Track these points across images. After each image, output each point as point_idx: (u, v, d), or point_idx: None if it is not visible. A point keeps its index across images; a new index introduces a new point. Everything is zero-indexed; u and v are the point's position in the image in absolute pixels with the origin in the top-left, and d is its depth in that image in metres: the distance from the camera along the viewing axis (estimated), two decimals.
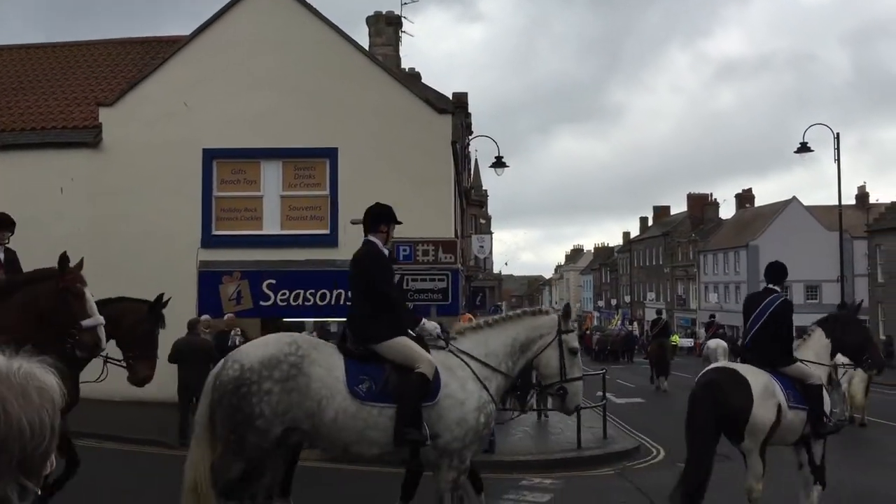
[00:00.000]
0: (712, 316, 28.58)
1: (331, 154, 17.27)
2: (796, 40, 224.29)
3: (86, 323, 6.18)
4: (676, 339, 46.84)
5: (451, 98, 30.14)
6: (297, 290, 16.98)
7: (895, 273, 41.86)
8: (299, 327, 17.17)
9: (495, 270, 74.78)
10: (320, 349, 6.08)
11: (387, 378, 5.98)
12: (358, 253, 6.38)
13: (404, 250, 14.45)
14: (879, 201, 56.75)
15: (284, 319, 17.59)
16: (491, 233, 59.79)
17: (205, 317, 15.60)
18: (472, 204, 45.37)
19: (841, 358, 8.77)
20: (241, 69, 17.28)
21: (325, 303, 16.87)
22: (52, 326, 6.14)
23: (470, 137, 32.77)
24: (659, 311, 30.64)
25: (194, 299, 16.72)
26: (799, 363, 7.84)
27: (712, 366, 8.44)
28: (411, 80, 24.42)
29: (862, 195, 62.37)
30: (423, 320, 6.45)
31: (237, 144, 17.09)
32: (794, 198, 61.52)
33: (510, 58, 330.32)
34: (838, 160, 27.63)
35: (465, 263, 31.20)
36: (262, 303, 17.01)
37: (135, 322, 7.09)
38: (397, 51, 24.99)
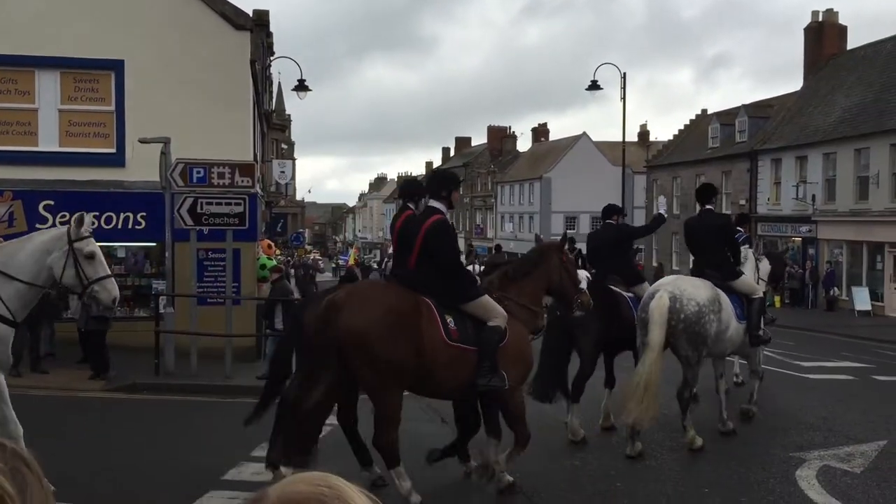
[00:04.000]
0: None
1: (116, 66, 16.00)
2: None
3: (582, 285, 8.02)
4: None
5: (251, 15, 28.74)
6: (80, 213, 15.80)
7: (668, 206, 45.72)
8: None
9: (298, 197, 73.60)
10: (716, 289, 8.80)
11: (742, 304, 9.13)
12: (717, 220, 9.49)
13: (198, 172, 13.79)
14: (658, 139, 61.40)
15: None
16: (294, 159, 58.53)
17: None
18: (273, 128, 44.02)
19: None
20: None
21: (111, 226, 15.84)
22: (559, 294, 7.87)
23: (272, 58, 31.60)
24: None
25: None
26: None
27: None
28: None
29: (643, 133, 67.09)
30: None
31: (7, 51, 15.35)
32: (584, 133, 65.03)
33: None
34: (624, 99, 29.62)
35: (264, 189, 30.39)
36: (38, 225, 15.57)
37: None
38: None
